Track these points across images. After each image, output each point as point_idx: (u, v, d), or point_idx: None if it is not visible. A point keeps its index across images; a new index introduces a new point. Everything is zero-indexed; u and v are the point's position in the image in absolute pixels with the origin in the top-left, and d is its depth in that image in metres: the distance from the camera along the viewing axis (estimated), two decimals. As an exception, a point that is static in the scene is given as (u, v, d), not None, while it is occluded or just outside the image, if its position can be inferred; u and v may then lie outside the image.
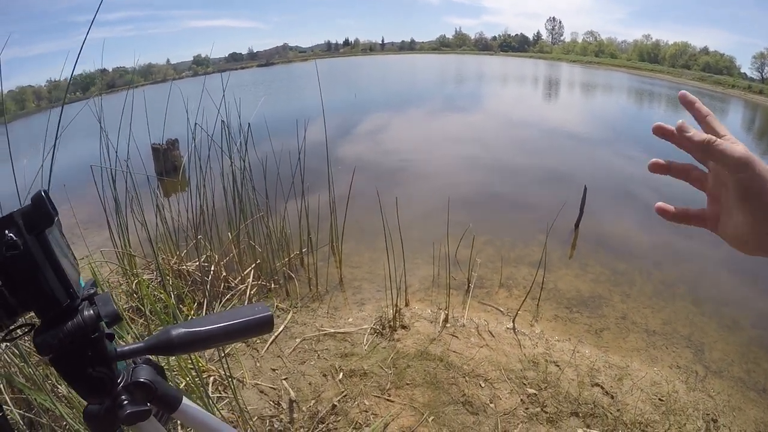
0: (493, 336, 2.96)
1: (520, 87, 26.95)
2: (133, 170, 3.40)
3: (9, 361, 2.07)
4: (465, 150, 8.59)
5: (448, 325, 3.05)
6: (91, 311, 0.62)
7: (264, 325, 0.74)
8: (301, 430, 2.27)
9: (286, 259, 3.83)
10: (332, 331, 3.01)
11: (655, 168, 0.56)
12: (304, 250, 3.93)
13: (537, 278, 3.38)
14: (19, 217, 0.56)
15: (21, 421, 1.89)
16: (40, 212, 0.58)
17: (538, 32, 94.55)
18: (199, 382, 2.09)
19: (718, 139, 0.48)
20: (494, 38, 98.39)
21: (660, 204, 0.58)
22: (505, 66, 48.42)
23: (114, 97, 3.51)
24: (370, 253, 4.08)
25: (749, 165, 0.45)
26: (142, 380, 0.70)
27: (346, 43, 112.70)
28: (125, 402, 0.66)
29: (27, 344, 1.97)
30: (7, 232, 0.55)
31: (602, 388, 2.57)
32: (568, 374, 2.64)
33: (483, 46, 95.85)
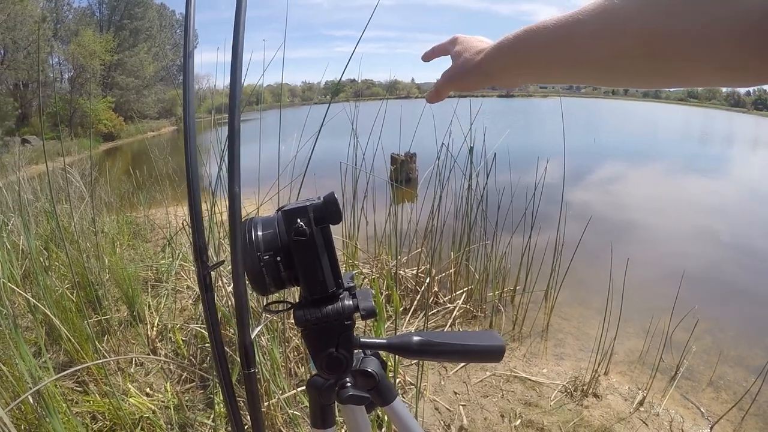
0: None
1: None
2: (374, 173, 3.70)
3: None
4: (701, 219, 7.66)
5: (642, 408, 2.75)
6: (351, 302, 0.70)
7: (495, 355, 0.76)
8: (462, 460, 2.25)
9: (498, 292, 3.81)
10: (524, 375, 2.93)
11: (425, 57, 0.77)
12: (518, 288, 3.87)
13: (752, 388, 2.87)
14: (311, 210, 0.66)
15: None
16: (329, 210, 0.66)
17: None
18: (391, 380, 2.18)
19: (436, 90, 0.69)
20: (748, 93, 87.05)
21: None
22: (757, 127, 42.10)
23: (362, 105, 3.87)
24: (583, 309, 3.86)
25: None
26: (369, 370, 0.77)
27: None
28: (348, 384, 0.74)
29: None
30: (299, 220, 0.65)
31: None
32: None
33: (734, 101, 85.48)
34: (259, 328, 2.10)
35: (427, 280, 3.43)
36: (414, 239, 3.88)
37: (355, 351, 0.76)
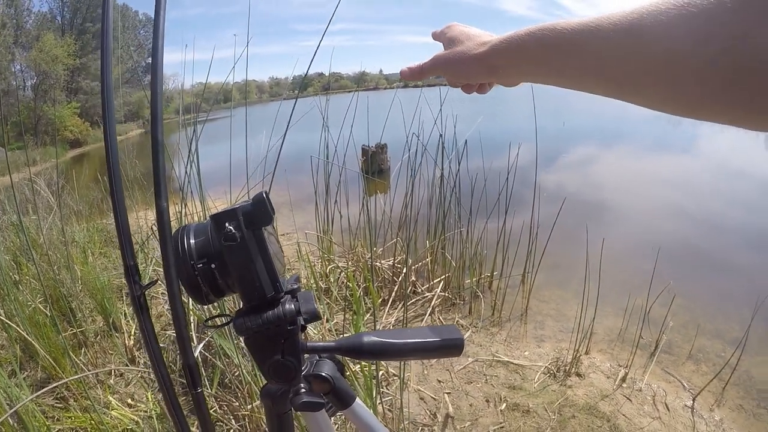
0: (669, 410, 2.65)
1: (740, 131, 23.61)
2: (346, 166, 3.68)
3: (205, 307, 2.37)
4: (673, 196, 7.77)
5: (625, 385, 2.80)
6: (292, 306, 0.67)
7: (453, 349, 0.75)
8: (450, 448, 2.26)
9: (476, 278, 3.81)
10: (506, 359, 2.94)
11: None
12: (495, 273, 3.87)
13: (731, 359, 2.95)
14: (240, 213, 0.63)
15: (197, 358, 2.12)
16: (260, 212, 0.64)
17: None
18: (374, 373, 2.16)
19: (422, 65, 0.65)
20: None
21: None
22: None
23: (331, 98, 3.84)
24: (560, 291, 3.88)
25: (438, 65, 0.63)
26: (323, 374, 0.74)
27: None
28: (302, 390, 0.72)
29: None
30: (227, 224, 0.62)
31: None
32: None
33: None
34: (200, 346, 2.07)
35: (404, 271, 3.43)
36: (388, 230, 3.86)
37: (309, 355, 0.75)
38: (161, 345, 2.91)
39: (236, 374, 2.20)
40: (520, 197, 3.85)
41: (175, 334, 2.43)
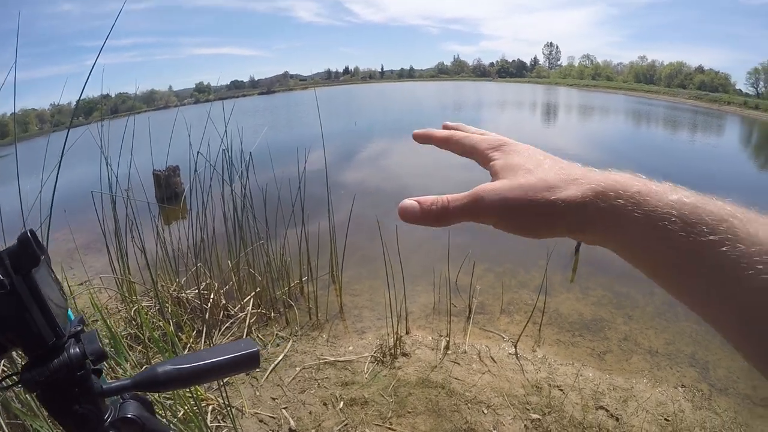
0: (495, 362, 2.94)
1: (518, 112, 27.35)
2: (134, 197, 3.42)
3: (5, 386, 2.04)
4: (464, 174, 8.54)
5: (450, 352, 3.03)
6: (77, 349, 0.62)
7: (250, 362, 0.74)
8: (301, 459, 2.24)
9: (286, 288, 3.78)
10: (332, 359, 2.98)
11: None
12: (304, 279, 3.89)
13: (538, 303, 3.35)
14: (6, 257, 0.56)
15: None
16: (26, 253, 0.57)
17: (536, 57, 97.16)
18: (197, 410, 2.07)
19: (449, 205, 0.41)
20: (492, 64, 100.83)
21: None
22: (503, 92, 49.31)
23: (116, 122, 3.55)
24: (371, 281, 4.04)
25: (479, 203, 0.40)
26: (129, 416, 0.69)
27: (346, 71, 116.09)
28: None
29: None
30: None
31: (607, 410, 2.53)
32: (571, 398, 2.61)
33: (481, 72, 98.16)
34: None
35: (212, 296, 3.29)
36: (189, 256, 3.67)
37: (112, 400, 0.69)
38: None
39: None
40: (319, 200, 3.94)
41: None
